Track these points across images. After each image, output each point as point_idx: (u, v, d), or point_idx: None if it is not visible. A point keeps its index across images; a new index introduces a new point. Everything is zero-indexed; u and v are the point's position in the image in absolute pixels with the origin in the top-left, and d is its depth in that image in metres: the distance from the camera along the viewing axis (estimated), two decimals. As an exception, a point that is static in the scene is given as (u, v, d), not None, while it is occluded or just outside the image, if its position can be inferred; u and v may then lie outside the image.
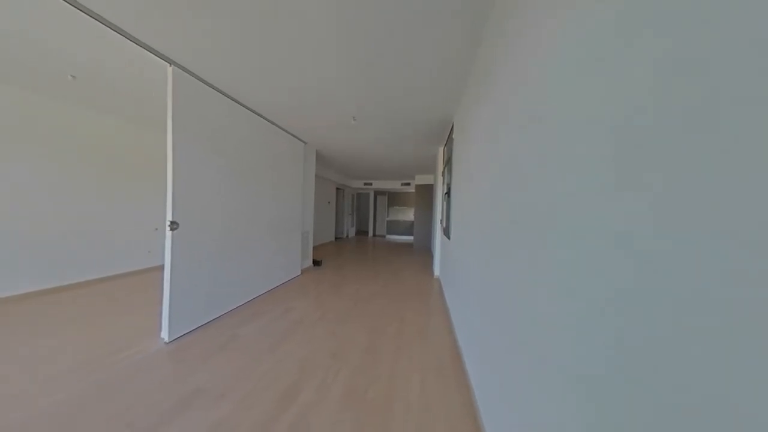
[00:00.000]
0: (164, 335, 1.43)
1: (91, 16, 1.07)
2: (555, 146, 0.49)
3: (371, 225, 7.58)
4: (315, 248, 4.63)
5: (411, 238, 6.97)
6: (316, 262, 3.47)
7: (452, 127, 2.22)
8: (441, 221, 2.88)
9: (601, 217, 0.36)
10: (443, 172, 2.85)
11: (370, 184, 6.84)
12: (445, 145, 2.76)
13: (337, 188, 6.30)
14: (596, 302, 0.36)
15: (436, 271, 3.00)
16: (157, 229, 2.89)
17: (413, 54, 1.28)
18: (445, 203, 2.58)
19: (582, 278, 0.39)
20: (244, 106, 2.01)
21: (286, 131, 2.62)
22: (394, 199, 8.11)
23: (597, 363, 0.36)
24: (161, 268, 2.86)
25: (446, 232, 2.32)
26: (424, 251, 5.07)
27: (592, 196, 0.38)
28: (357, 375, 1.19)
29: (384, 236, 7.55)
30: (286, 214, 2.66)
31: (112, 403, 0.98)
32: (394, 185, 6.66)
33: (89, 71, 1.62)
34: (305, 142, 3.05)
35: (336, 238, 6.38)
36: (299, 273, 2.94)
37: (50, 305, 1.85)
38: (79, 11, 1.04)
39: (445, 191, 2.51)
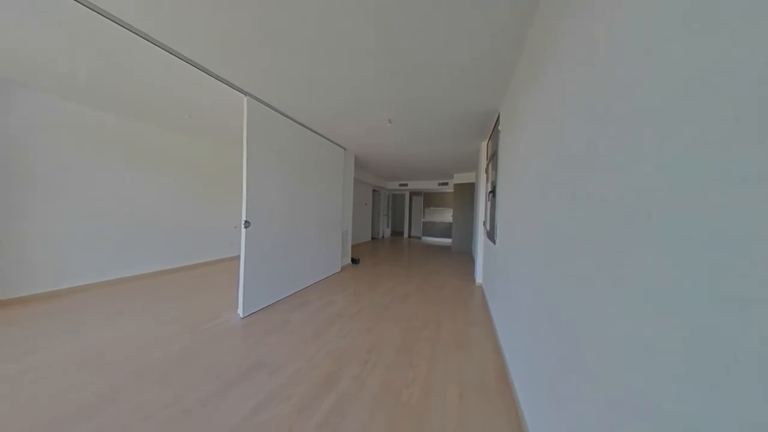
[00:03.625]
0: (239, 312, 1.77)
1: (195, 67, 1.43)
2: (651, 125, 0.38)
3: (406, 226, 7.53)
4: (353, 247, 4.90)
5: (449, 240, 6.58)
6: (354, 261, 3.66)
7: (497, 118, 1.99)
8: (484, 223, 2.62)
9: (741, 217, 0.25)
10: (487, 169, 2.59)
11: (406, 185, 6.81)
12: (489, 138, 2.50)
13: (374, 190, 6.52)
14: (729, 337, 0.26)
15: (479, 278, 2.74)
16: (235, 227, 3.61)
17: (453, 44, 1.21)
18: (489, 203, 2.33)
19: (707, 304, 0.29)
20: (296, 122, 2.31)
21: (328, 140, 2.87)
22: (431, 199, 7.83)
23: (727, 425, 0.25)
24: (238, 258, 3.56)
25: (490, 235, 2.09)
26: (464, 255, 4.70)
27: (722, 188, 0.27)
28: (391, 374, 1.20)
29: (420, 238, 7.38)
30: (329, 215, 2.91)
31: (205, 358, 1.27)
32: (430, 185, 6.44)
33: (196, 109, 2.17)
34: (345, 148, 3.28)
35: (372, 238, 6.60)
36: (339, 269, 3.17)
37: (169, 281, 2.54)
38: (188, 64, 1.41)
39: (490, 190, 2.27)
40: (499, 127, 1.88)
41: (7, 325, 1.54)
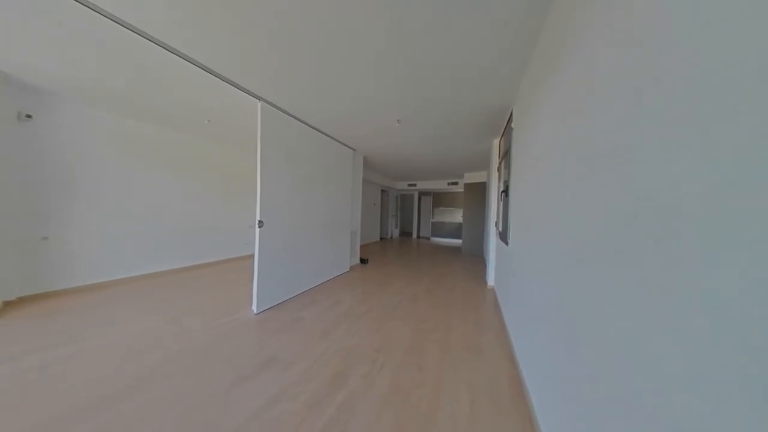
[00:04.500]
0: (254, 308, 1.84)
1: (215, 75, 1.50)
2: (690, 119, 0.34)
3: (415, 226, 7.47)
4: (361, 247, 4.93)
5: (459, 241, 6.44)
6: (363, 260, 3.68)
7: (510, 115, 1.92)
8: (496, 224, 2.54)
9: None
10: (499, 168, 2.50)
11: (414, 185, 6.75)
12: (502, 136, 2.42)
13: (382, 190, 6.53)
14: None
15: (490, 281, 2.65)
16: (250, 226, 3.76)
17: (463, 44, 1.18)
18: (501, 203, 2.25)
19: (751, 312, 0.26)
20: (307, 124, 2.37)
21: (337, 141, 2.91)
22: (440, 199, 7.71)
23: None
24: (252, 256, 3.70)
25: (503, 236, 2.02)
26: (475, 257, 4.58)
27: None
28: (400, 375, 1.19)
29: (428, 238, 7.29)
30: (338, 216, 2.95)
31: (224, 351, 1.33)
32: (439, 185, 6.34)
33: (214, 114, 2.28)
34: (354, 149, 3.31)
35: (381, 239, 6.61)
36: (348, 269, 3.20)
37: (189, 278, 2.69)
38: (208, 74, 1.48)
39: (502, 189, 2.19)
40: (512, 125, 1.81)
41: (51, 316, 1.70)
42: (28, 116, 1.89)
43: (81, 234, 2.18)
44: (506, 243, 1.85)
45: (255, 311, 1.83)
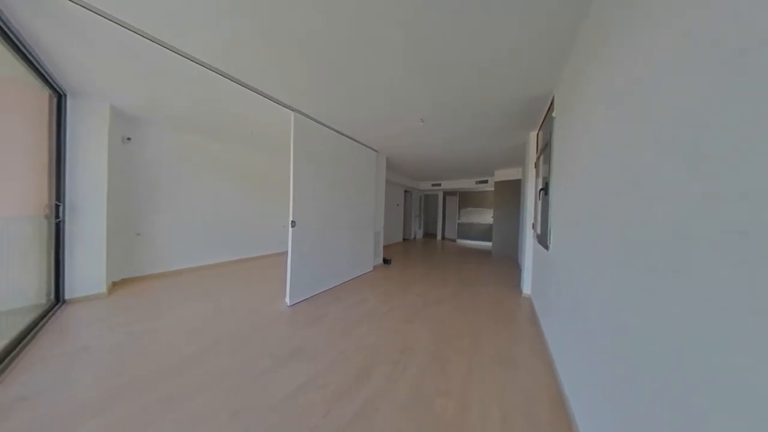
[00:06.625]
0: (287, 300, 2.00)
1: (258, 93, 1.69)
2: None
3: (440, 227, 7.21)
4: (385, 248, 4.97)
5: (489, 243, 5.99)
6: (386, 261, 3.70)
7: (551, 103, 1.71)
8: (534, 226, 2.29)
9: None
10: (536, 163, 2.25)
11: (439, 185, 6.52)
12: (540, 128, 2.17)
13: (405, 191, 6.47)
14: None
15: (526, 288, 2.40)
16: (284, 226, 4.13)
17: (494, 26, 1.09)
18: (540, 203, 2.02)
19: None
20: (332, 129, 2.49)
21: (361, 143, 2.99)
22: (467, 199, 7.29)
23: None
24: (287, 253, 4.04)
25: (542, 240, 1.80)
26: (508, 261, 4.20)
27: None
28: (424, 379, 1.16)
29: (454, 240, 6.95)
30: (362, 216, 3.02)
31: (262, 337, 1.49)
32: (466, 184, 6.00)
33: (256, 126, 2.57)
34: (377, 151, 3.36)
35: (404, 239, 6.56)
36: (371, 269, 3.25)
37: (236, 270, 3.07)
38: (252, 92, 1.69)
39: (541, 187, 1.96)
40: (553, 114, 1.61)
41: (141, 295, 2.13)
42: (128, 138, 2.42)
43: (160, 231, 2.69)
44: (546, 247, 1.64)
45: (288, 303, 1.99)
